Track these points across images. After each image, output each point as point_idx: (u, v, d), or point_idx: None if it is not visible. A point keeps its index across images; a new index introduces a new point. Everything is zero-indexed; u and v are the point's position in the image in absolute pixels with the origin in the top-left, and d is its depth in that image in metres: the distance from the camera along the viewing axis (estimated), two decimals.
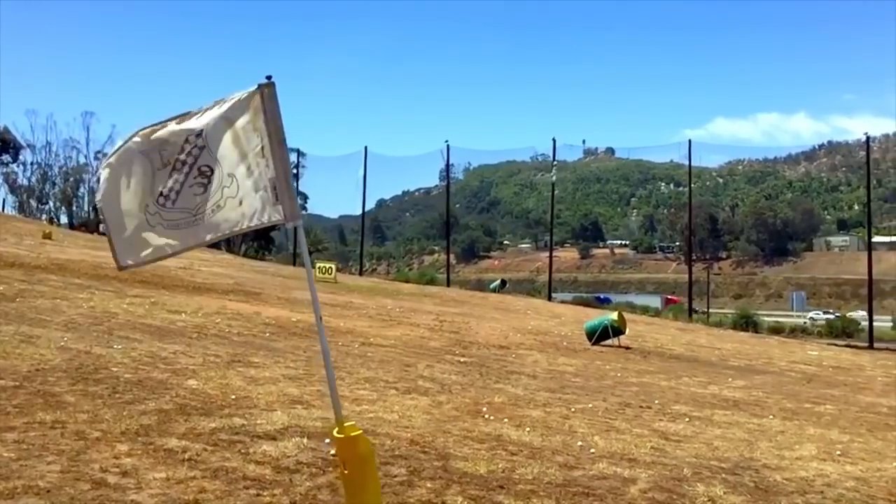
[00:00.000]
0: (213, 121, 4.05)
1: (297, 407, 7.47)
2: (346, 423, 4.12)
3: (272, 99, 3.98)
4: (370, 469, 4.03)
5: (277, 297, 20.77)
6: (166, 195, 4.13)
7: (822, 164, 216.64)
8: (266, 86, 4.03)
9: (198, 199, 4.10)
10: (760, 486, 6.03)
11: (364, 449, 4.00)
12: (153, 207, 4.15)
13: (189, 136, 4.06)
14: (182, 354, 9.93)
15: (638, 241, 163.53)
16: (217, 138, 4.05)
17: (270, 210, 4.05)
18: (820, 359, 19.67)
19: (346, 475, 3.91)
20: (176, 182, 4.12)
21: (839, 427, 9.23)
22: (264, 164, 4.01)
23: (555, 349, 15.39)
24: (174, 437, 5.83)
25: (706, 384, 12.29)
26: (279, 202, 4.05)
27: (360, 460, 3.93)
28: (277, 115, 4.03)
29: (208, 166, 4.07)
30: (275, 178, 4.03)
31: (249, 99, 4.02)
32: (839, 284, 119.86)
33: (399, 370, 10.63)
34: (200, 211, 4.09)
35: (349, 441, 3.98)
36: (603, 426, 8.00)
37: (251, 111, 4.02)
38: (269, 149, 3.98)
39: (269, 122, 3.96)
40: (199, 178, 4.07)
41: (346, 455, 3.97)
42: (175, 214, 4.15)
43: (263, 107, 3.98)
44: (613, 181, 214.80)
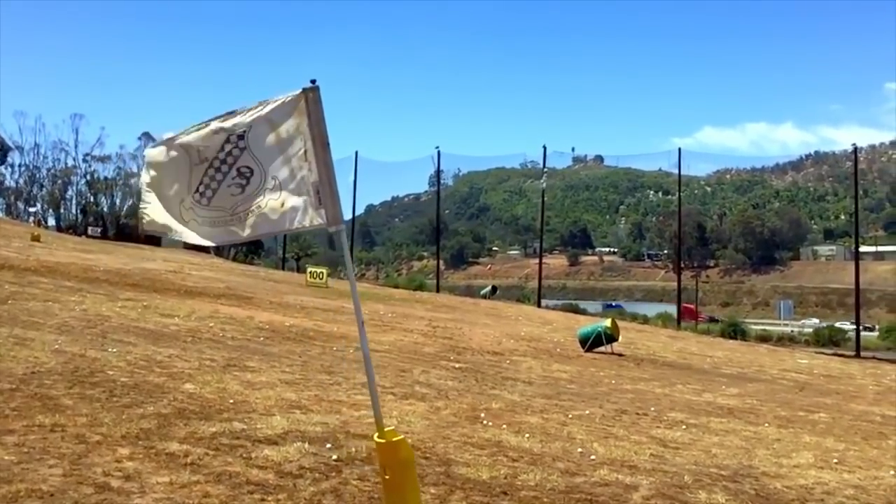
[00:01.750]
0: (256, 122, 4.03)
1: (295, 412, 7.44)
2: (385, 428, 4.11)
3: (316, 103, 3.97)
4: (411, 474, 4.01)
5: (269, 301, 20.69)
6: (202, 192, 4.12)
7: (808, 173, 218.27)
8: (310, 89, 4.01)
9: (236, 199, 4.08)
10: (761, 493, 6.05)
11: (405, 454, 3.99)
12: (189, 202, 4.14)
13: (230, 136, 4.04)
14: (177, 358, 9.87)
15: (626, 248, 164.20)
16: (259, 140, 4.03)
17: (313, 214, 4.03)
18: (810, 367, 19.75)
19: (388, 480, 3.89)
20: (213, 181, 4.10)
21: (834, 435, 9.26)
22: (307, 168, 3.99)
23: (548, 356, 15.40)
24: (175, 442, 5.80)
25: (700, 392, 12.32)
26: (322, 206, 4.03)
27: (402, 465, 3.92)
28: (321, 119, 4.00)
29: (248, 167, 4.05)
30: (318, 182, 4.01)
31: (294, 102, 4.01)
32: (825, 293, 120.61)
33: (395, 375, 10.61)
34: (239, 210, 4.07)
35: (391, 446, 3.96)
36: (601, 433, 8.00)
37: (295, 114, 4.00)
38: (313, 152, 3.97)
39: (313, 126, 3.94)
40: (238, 178, 4.05)
41: (387, 460, 3.95)
42: (211, 213, 4.13)
43: (308, 110, 3.96)
44: (602, 189, 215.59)
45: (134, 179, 75.36)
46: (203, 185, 4.11)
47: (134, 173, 75.55)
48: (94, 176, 75.41)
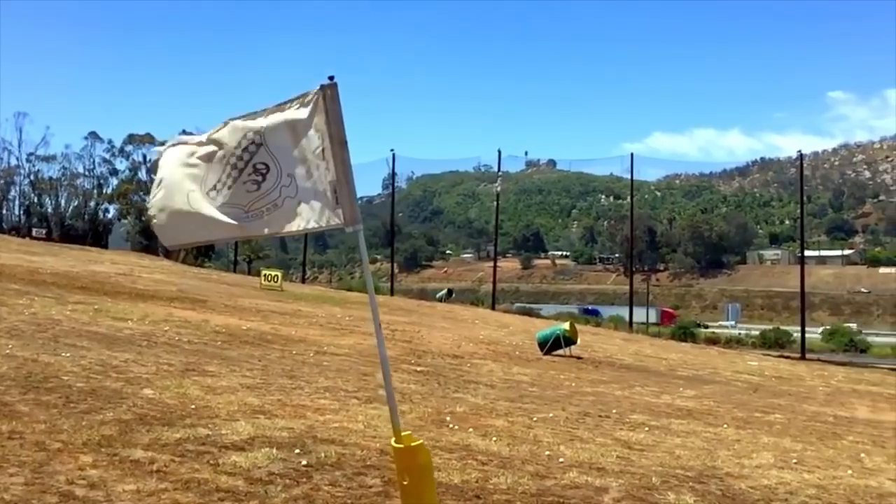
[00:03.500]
0: (274, 120, 3.93)
1: (259, 417, 7.31)
2: (402, 432, 4.04)
3: (334, 100, 3.87)
4: (429, 479, 3.95)
5: (224, 304, 20.39)
6: (218, 189, 4.01)
7: (754, 179, 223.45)
8: (329, 87, 3.91)
9: (251, 195, 3.97)
10: (727, 494, 6.13)
11: (424, 459, 3.92)
12: (198, 196, 4.02)
13: (247, 133, 3.94)
14: (134, 363, 9.65)
15: (578, 252, 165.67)
16: (276, 137, 3.93)
17: (329, 214, 3.94)
18: (761, 369, 20.17)
19: (406, 486, 3.82)
20: (229, 178, 3.99)
21: (791, 436, 9.44)
22: (324, 167, 3.90)
23: (508, 359, 15.44)
24: (139, 448, 5.65)
25: (659, 394, 12.47)
26: (339, 206, 3.94)
27: (420, 470, 3.85)
28: (339, 117, 3.91)
29: (265, 164, 3.95)
30: (335, 181, 3.92)
31: (311, 99, 3.91)
32: (771, 297, 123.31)
33: (357, 379, 10.51)
34: (254, 207, 3.97)
35: (409, 451, 3.90)
36: (566, 435, 8.03)
37: (313, 112, 3.90)
38: (330, 151, 3.87)
39: (331, 124, 3.85)
40: (254, 175, 3.94)
41: (405, 465, 3.88)
42: (225, 209, 4.02)
43: (325, 108, 3.87)
44: (555, 193, 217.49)
45: (80, 180, 73.76)
46: (220, 183, 4.01)
47: (79, 174, 73.97)
48: (39, 176, 73.45)
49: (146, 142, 72.59)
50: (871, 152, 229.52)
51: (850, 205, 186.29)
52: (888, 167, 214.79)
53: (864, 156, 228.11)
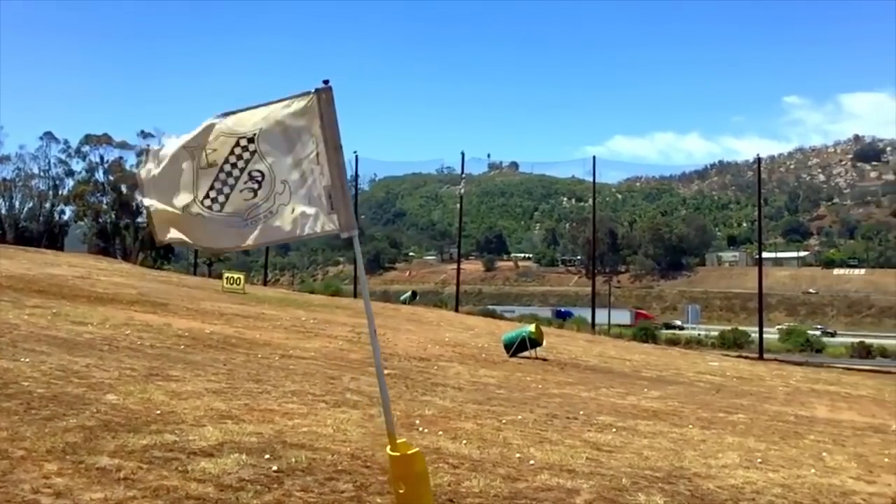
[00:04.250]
0: (267, 125, 3.85)
1: (227, 422, 7.21)
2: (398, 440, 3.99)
3: (329, 104, 3.81)
4: (426, 487, 3.91)
5: (186, 308, 20.12)
6: (213, 198, 3.92)
7: (713, 182, 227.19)
8: (323, 90, 3.85)
9: (248, 203, 3.89)
10: (696, 494, 6.18)
11: (421, 467, 3.88)
12: (195, 207, 3.92)
13: (240, 140, 3.85)
14: (95, 368, 9.47)
15: (541, 254, 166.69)
16: (270, 143, 3.85)
17: (325, 219, 3.87)
18: (722, 370, 20.46)
19: (402, 494, 3.77)
20: (225, 185, 3.90)
21: (754, 435, 9.58)
22: (319, 172, 3.83)
23: (475, 361, 15.46)
24: (105, 455, 5.53)
25: (624, 395, 12.57)
26: (334, 211, 3.87)
27: (417, 479, 3.81)
28: (334, 121, 3.84)
29: (259, 171, 3.86)
30: (330, 185, 3.86)
31: (306, 103, 3.84)
32: (729, 298, 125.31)
33: (325, 383, 10.44)
34: (252, 215, 3.89)
35: (406, 459, 3.85)
36: (536, 438, 8.05)
37: (307, 116, 3.83)
38: (325, 155, 3.80)
39: (326, 128, 3.78)
40: (250, 182, 3.86)
41: (401, 473, 3.83)
42: (222, 218, 3.93)
43: (320, 111, 3.80)
44: (517, 195, 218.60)
45: (35, 181, 72.21)
46: (214, 191, 3.92)
47: (34, 175, 72.41)
48: None
49: (103, 142, 71.38)
50: (826, 156, 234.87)
51: (805, 207, 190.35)
52: (842, 171, 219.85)
53: (818, 160, 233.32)
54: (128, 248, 68.89)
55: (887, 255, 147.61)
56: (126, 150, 71.05)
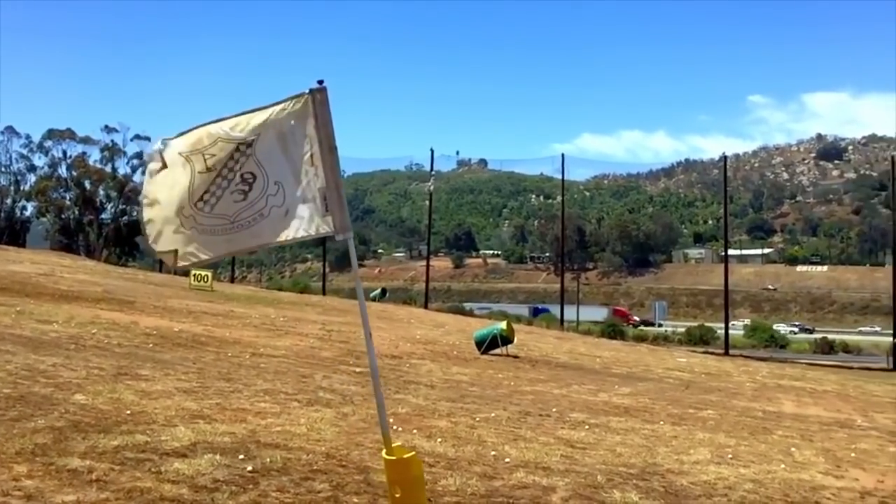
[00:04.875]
0: (263, 128, 3.77)
1: (198, 422, 7.12)
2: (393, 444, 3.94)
3: (323, 105, 3.74)
4: (421, 492, 3.87)
5: (153, 305, 19.87)
6: (206, 200, 3.84)
7: (679, 180, 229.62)
8: (318, 91, 3.79)
9: (237, 206, 3.81)
10: (670, 490, 6.24)
11: (417, 471, 3.84)
12: (188, 210, 3.84)
13: (240, 146, 3.77)
14: (62, 367, 9.31)
15: (510, 251, 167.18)
16: (264, 144, 3.78)
17: (319, 221, 3.80)
18: (690, 366, 20.68)
19: (398, 499, 3.72)
20: (218, 188, 3.82)
21: (724, 431, 9.68)
22: (313, 173, 3.76)
23: (446, 358, 15.46)
24: (75, 457, 5.43)
25: (596, 392, 12.65)
26: (329, 213, 3.81)
27: (412, 483, 3.77)
28: (328, 122, 3.79)
29: (251, 173, 3.79)
30: (324, 187, 3.80)
31: (300, 104, 3.77)
32: (695, 294, 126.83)
33: (296, 381, 10.36)
34: (240, 218, 3.81)
35: (401, 463, 3.81)
36: (510, 435, 8.06)
37: (301, 117, 3.76)
38: (320, 156, 3.74)
39: (320, 129, 3.72)
40: (241, 184, 3.78)
41: (397, 477, 3.78)
42: (211, 220, 3.85)
43: (314, 112, 3.73)
44: (486, 192, 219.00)
45: None
46: (209, 194, 3.84)
47: None
48: None
49: (66, 137, 70.20)
50: (789, 155, 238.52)
51: (769, 205, 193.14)
52: (805, 169, 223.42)
53: (782, 158, 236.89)
54: (91, 244, 67.85)
55: (849, 253, 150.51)
56: (90, 145, 70.01)
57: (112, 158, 70.40)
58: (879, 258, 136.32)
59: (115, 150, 70.29)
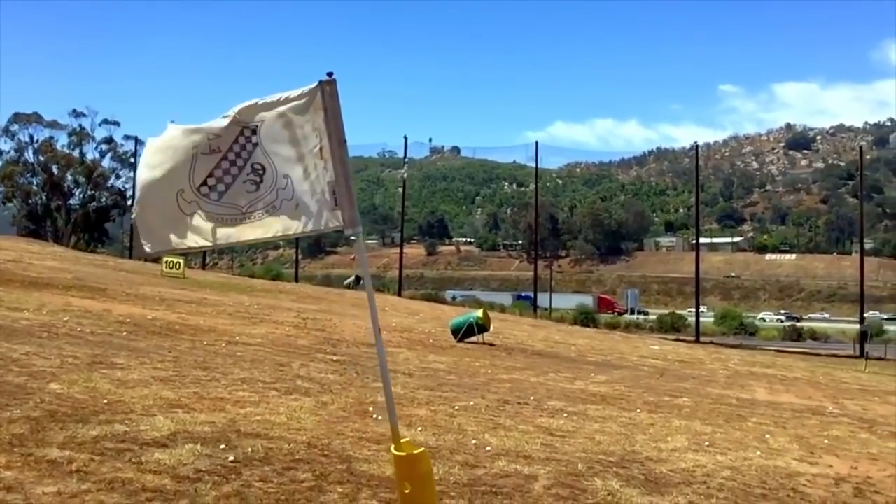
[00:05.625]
0: (270, 117, 3.70)
1: (177, 411, 7.05)
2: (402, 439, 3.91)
3: (333, 97, 3.67)
4: (430, 487, 3.84)
5: (125, 293, 19.63)
6: (212, 186, 3.75)
7: (651, 168, 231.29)
8: (327, 83, 3.71)
9: (250, 196, 3.74)
10: (650, 478, 6.30)
11: (426, 467, 3.80)
12: (190, 195, 3.75)
13: (244, 130, 3.70)
14: (35, 356, 9.16)
15: (482, 238, 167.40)
16: (272, 136, 3.71)
17: (328, 215, 3.74)
18: (663, 353, 20.90)
19: (407, 495, 3.69)
20: (227, 174, 3.74)
21: (699, 419, 9.80)
22: (322, 167, 3.70)
23: (423, 346, 15.46)
24: (54, 447, 5.35)
25: (572, 379, 12.73)
26: (338, 207, 3.76)
27: (421, 479, 3.74)
28: (338, 114, 3.72)
29: (261, 164, 3.71)
30: (334, 181, 3.75)
31: (309, 96, 3.69)
32: (666, 282, 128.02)
33: (274, 370, 10.30)
34: (251, 209, 3.74)
35: (411, 459, 3.77)
36: (489, 424, 8.09)
37: (311, 109, 3.69)
38: (329, 150, 3.68)
39: (330, 121, 3.65)
40: (252, 175, 3.71)
41: (406, 473, 3.75)
42: (220, 208, 3.77)
43: (324, 104, 3.67)
44: (459, 179, 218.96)
45: None
46: (214, 178, 3.76)
47: None
48: None
49: (33, 121, 68.87)
50: (759, 144, 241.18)
51: (739, 194, 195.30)
52: (774, 158, 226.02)
53: (752, 147, 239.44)
54: (59, 230, 66.82)
55: (817, 241, 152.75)
56: (57, 129, 68.77)
57: (80, 143, 69.30)
58: (846, 247, 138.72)
59: (83, 135, 69.19)
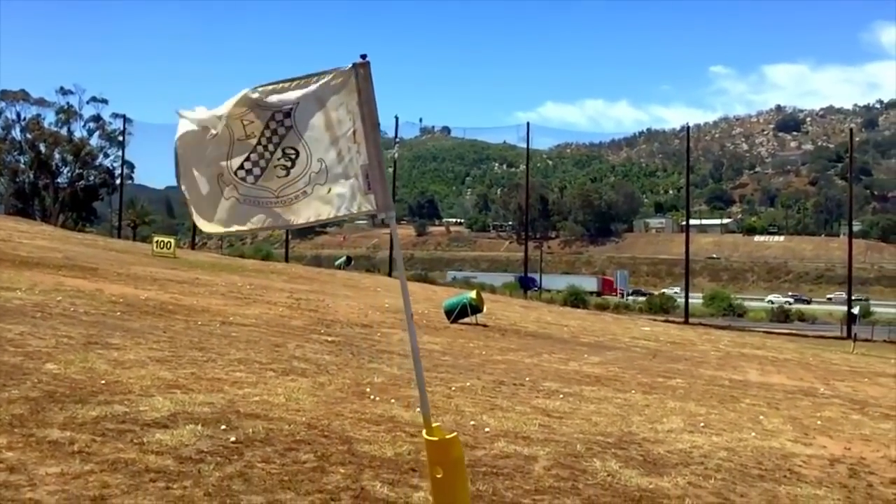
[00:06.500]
0: (303, 100, 3.65)
1: (175, 392, 7.05)
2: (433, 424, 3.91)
3: (367, 79, 3.62)
4: (462, 473, 3.84)
5: (116, 272, 19.54)
6: (248, 170, 3.73)
7: (641, 150, 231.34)
8: (361, 65, 3.67)
9: (281, 181, 3.71)
10: (648, 459, 6.35)
11: (458, 452, 3.79)
12: (228, 177, 3.73)
13: (276, 114, 3.66)
14: (30, 336, 9.13)
15: (472, 219, 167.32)
16: (306, 119, 3.66)
17: (361, 199, 3.71)
18: (655, 334, 21.00)
19: (439, 480, 3.69)
20: (262, 158, 3.71)
21: (693, 400, 9.86)
22: (356, 150, 3.66)
23: (416, 327, 15.43)
24: (55, 428, 5.35)
25: (566, 361, 12.78)
26: (371, 191, 3.72)
27: (454, 464, 3.74)
28: (372, 97, 3.68)
29: (293, 148, 3.68)
30: (367, 164, 3.71)
31: (343, 79, 3.65)
32: (656, 263, 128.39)
33: (269, 350, 10.30)
34: (283, 194, 3.71)
35: (443, 444, 3.76)
36: (487, 405, 8.12)
37: (344, 92, 3.65)
38: (363, 133, 3.64)
39: (364, 105, 3.61)
40: (283, 159, 3.67)
41: (438, 458, 3.73)
42: (255, 191, 3.74)
43: (358, 87, 3.62)
44: (449, 160, 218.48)
45: None
46: (250, 163, 3.74)
47: None
48: None
49: (20, 99, 68.08)
50: (749, 126, 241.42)
51: (728, 176, 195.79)
52: (764, 140, 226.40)
53: (742, 129, 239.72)
54: (47, 209, 66.31)
55: (805, 223, 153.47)
56: (44, 107, 68.05)
57: (68, 121, 68.62)
58: (834, 228, 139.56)
59: (71, 113, 68.49)
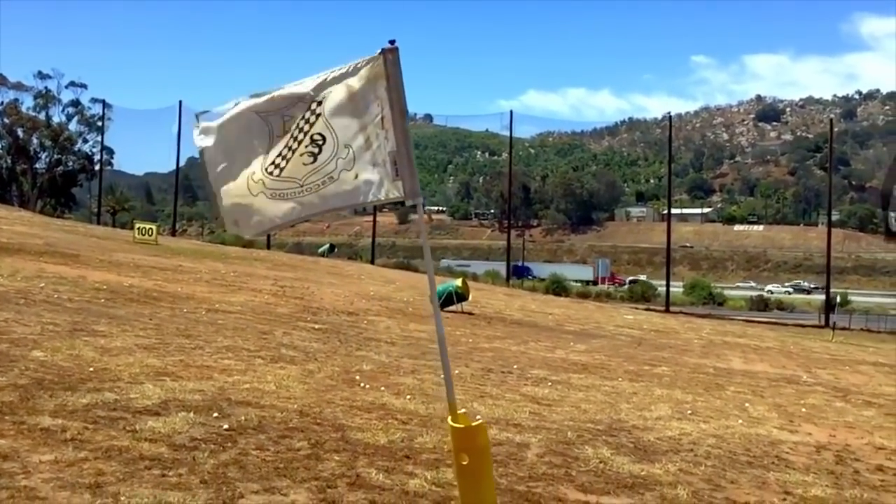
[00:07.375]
0: (332, 87, 3.62)
1: (165, 379, 7.01)
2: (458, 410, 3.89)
3: (395, 65, 3.59)
4: (487, 460, 3.83)
5: (98, 259, 19.36)
6: (277, 164, 3.69)
7: (623, 139, 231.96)
8: (389, 50, 3.63)
9: (306, 168, 3.66)
10: (639, 446, 6.40)
11: (484, 439, 3.77)
12: (259, 175, 3.70)
13: (311, 105, 3.62)
14: (15, 323, 9.04)
15: (455, 207, 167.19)
16: (334, 106, 3.63)
17: (389, 186, 3.68)
18: (638, 322, 21.13)
19: (464, 467, 3.67)
20: (289, 150, 3.68)
21: (680, 388, 9.95)
22: (384, 136, 3.63)
23: (402, 315, 15.47)
24: (46, 415, 5.30)
25: (552, 349, 12.83)
26: (399, 177, 3.69)
27: (480, 451, 3.72)
28: (400, 83, 3.65)
29: (321, 135, 3.64)
30: (395, 151, 3.67)
31: (372, 65, 3.62)
32: (636, 252, 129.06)
33: (257, 338, 10.26)
34: (309, 181, 3.67)
35: (469, 431, 3.73)
36: (476, 392, 8.15)
37: (373, 78, 3.61)
38: (391, 119, 3.61)
39: (392, 91, 3.57)
40: (311, 146, 3.63)
41: (464, 445, 3.70)
42: (280, 184, 3.71)
43: (386, 73, 3.58)
44: (431, 148, 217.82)
45: None
46: (280, 157, 3.71)
47: None
48: None
49: None
50: (730, 115, 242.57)
51: (709, 165, 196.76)
52: (744, 130, 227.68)
53: (722, 119, 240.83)
54: (25, 194, 65.58)
55: (784, 213, 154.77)
56: (22, 91, 67.25)
57: (46, 106, 67.90)
58: (813, 218, 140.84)
59: (49, 98, 67.76)
